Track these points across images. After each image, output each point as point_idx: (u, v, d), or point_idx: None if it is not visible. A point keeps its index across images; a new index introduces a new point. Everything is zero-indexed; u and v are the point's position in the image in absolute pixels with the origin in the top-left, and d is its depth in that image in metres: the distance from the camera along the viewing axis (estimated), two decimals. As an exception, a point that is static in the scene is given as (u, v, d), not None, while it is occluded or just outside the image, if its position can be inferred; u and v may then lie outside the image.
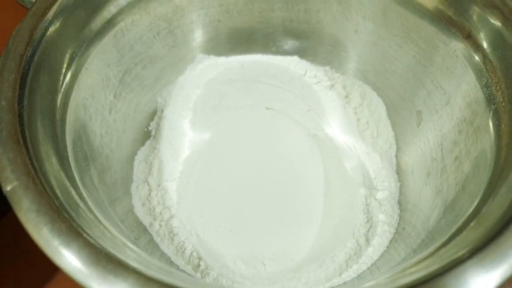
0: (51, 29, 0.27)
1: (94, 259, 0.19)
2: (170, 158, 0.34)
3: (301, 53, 0.41)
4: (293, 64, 0.40)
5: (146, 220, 0.31)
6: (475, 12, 0.29)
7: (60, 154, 0.25)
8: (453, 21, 0.31)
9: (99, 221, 0.23)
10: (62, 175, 0.23)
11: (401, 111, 0.37)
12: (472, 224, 0.22)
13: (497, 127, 0.27)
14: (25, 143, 0.22)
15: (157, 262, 0.26)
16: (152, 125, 0.37)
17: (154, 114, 0.38)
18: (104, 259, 0.19)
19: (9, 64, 0.25)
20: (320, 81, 0.39)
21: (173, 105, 0.37)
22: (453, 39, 0.31)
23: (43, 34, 0.27)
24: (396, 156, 0.36)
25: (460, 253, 0.19)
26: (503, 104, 0.27)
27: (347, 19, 0.37)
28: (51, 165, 0.23)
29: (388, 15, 0.35)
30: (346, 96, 0.39)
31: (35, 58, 0.26)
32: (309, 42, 0.40)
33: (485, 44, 0.28)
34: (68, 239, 0.19)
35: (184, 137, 0.35)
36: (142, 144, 0.36)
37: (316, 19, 0.38)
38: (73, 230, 0.19)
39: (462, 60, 0.30)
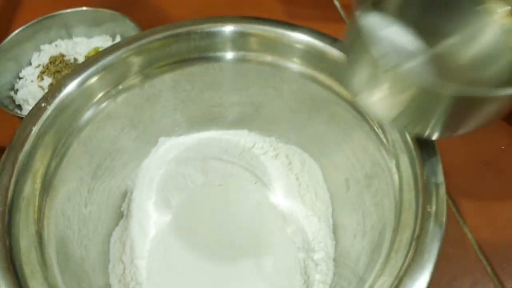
0: (29, 157, 0.34)
1: None
2: (140, 238, 0.40)
3: (249, 127, 0.47)
4: (243, 137, 0.47)
5: (122, 295, 0.38)
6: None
7: (44, 264, 0.31)
8: (364, 111, 0.37)
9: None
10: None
11: (333, 177, 0.43)
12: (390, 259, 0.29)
13: (396, 207, 0.33)
14: (14, 268, 0.28)
15: None
16: (124, 206, 0.43)
17: (125, 195, 0.44)
18: None
19: (-3, 198, 0.31)
20: (266, 152, 0.46)
21: (140, 187, 0.43)
22: (366, 124, 0.37)
23: (23, 163, 0.33)
24: (332, 216, 0.43)
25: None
26: (398, 190, 0.33)
27: (283, 101, 0.44)
28: (37, 280, 0.29)
29: (315, 99, 0.41)
30: (289, 164, 0.45)
31: (17, 187, 0.32)
32: (254, 119, 0.46)
33: (389, 137, 0.35)
34: None
35: (150, 218, 0.42)
36: (117, 224, 0.42)
37: (257, 101, 0.45)
38: None
39: (374, 144, 0.37)
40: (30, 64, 0.55)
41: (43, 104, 0.36)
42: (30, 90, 0.51)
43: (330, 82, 0.40)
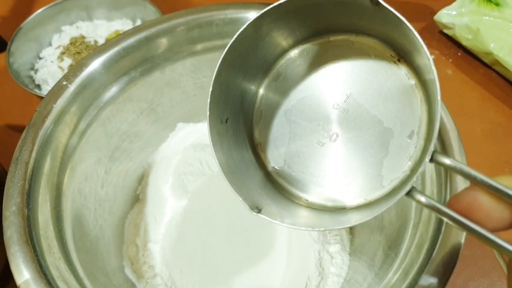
0: (49, 133, 0.33)
1: None
2: (154, 221, 0.40)
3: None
4: (261, 127, 0.46)
5: (134, 278, 0.38)
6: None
7: (61, 241, 0.31)
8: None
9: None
10: (62, 263, 0.29)
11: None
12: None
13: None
14: (32, 241, 0.28)
15: None
16: (139, 189, 0.43)
17: (142, 178, 0.44)
18: None
19: (17, 172, 0.31)
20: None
21: (156, 171, 0.43)
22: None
23: (43, 140, 0.33)
24: (349, 210, 0.42)
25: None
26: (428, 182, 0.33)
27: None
28: (53, 255, 0.29)
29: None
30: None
31: (37, 162, 0.32)
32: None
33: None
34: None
35: (166, 202, 0.41)
36: (132, 207, 0.42)
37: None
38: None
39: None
40: (50, 45, 0.55)
41: (64, 83, 0.36)
42: (50, 70, 0.51)
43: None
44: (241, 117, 0.29)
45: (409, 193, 0.21)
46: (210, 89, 0.26)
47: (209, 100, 0.26)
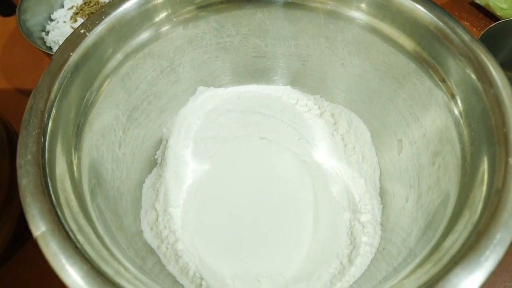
0: (66, 83, 0.31)
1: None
2: (175, 186, 0.38)
3: (292, 83, 0.44)
4: (286, 93, 0.44)
5: (154, 243, 0.35)
6: (448, 59, 0.32)
7: (78, 197, 0.29)
8: (428, 63, 0.34)
9: (114, 257, 0.26)
10: (81, 218, 0.27)
11: (384, 138, 0.40)
12: (449, 238, 0.25)
13: (463, 164, 0.30)
14: (48, 192, 0.26)
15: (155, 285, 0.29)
16: (158, 153, 0.41)
17: (160, 143, 0.42)
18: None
19: (32, 120, 0.28)
20: (310, 110, 0.43)
21: (177, 135, 0.41)
22: (427, 79, 0.34)
23: (59, 89, 0.30)
24: (380, 180, 0.40)
25: (443, 264, 0.23)
26: (467, 144, 0.30)
27: (334, 53, 0.40)
28: (71, 209, 0.27)
29: (371, 52, 0.38)
30: (334, 123, 0.42)
31: (53, 112, 0.30)
32: (300, 73, 0.43)
33: (456, 90, 0.32)
34: (92, 279, 0.23)
35: (187, 166, 0.39)
36: (150, 171, 0.40)
37: (306, 53, 0.42)
38: (94, 270, 0.23)
39: (436, 99, 0.34)
40: (62, 6, 0.52)
41: (82, 31, 0.33)
42: (62, 31, 0.49)
43: (391, 32, 0.36)
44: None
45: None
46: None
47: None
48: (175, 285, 0.33)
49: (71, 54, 0.32)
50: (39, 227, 0.24)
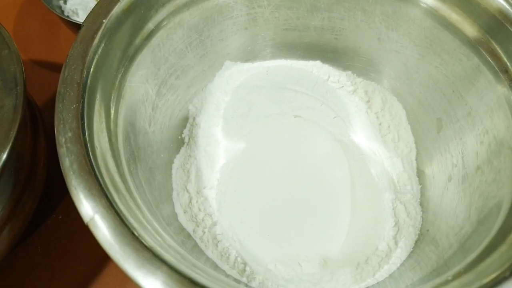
0: (100, 52, 0.28)
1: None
2: (207, 166, 0.36)
3: (324, 58, 0.42)
4: (316, 69, 0.42)
5: (189, 226, 0.33)
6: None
7: (122, 176, 0.26)
8: (479, 40, 0.32)
9: (168, 243, 0.24)
10: (129, 200, 0.25)
11: (421, 117, 0.39)
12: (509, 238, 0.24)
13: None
14: (95, 173, 0.23)
15: (203, 267, 0.27)
16: (185, 132, 0.38)
17: (186, 121, 0.39)
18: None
19: (68, 94, 0.26)
20: (343, 86, 0.41)
21: (205, 113, 0.38)
22: (475, 55, 0.33)
23: (93, 59, 0.28)
24: (416, 160, 0.39)
25: (501, 269, 0.22)
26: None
27: (370, 27, 0.39)
28: (119, 191, 0.24)
29: (412, 26, 0.36)
30: (368, 101, 0.41)
31: (88, 84, 0.27)
32: (331, 48, 0.41)
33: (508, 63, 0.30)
34: (151, 269, 0.21)
35: (219, 145, 0.37)
36: (177, 151, 0.38)
37: (340, 27, 0.40)
38: (155, 259, 0.21)
39: (486, 75, 0.32)
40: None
41: (113, -4, 0.30)
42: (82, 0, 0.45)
43: (439, 6, 0.34)
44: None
45: None
46: None
47: None
48: (216, 270, 0.32)
49: (104, 21, 0.29)
50: (89, 213, 0.22)
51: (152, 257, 0.21)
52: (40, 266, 0.36)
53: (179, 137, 0.38)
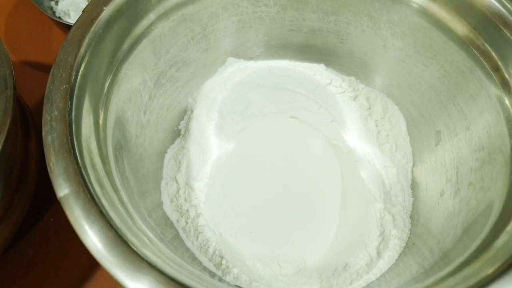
0: (97, 39, 0.29)
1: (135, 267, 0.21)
2: (198, 159, 0.36)
3: (327, 62, 0.42)
4: (319, 72, 0.41)
5: (173, 216, 0.34)
6: (505, 47, 0.30)
7: (103, 159, 0.27)
8: (481, 50, 0.32)
9: (139, 226, 0.25)
10: (106, 182, 0.25)
11: (420, 128, 0.38)
12: (489, 250, 0.24)
13: (512, 161, 0.28)
14: (74, 152, 0.24)
15: (178, 260, 0.28)
16: (182, 124, 0.39)
17: (184, 113, 0.40)
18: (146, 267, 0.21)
19: (60, 74, 0.27)
20: (344, 91, 0.41)
21: (202, 106, 0.39)
22: (479, 68, 0.32)
23: (90, 44, 0.29)
24: (412, 171, 0.38)
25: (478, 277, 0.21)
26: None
27: (376, 34, 0.38)
28: (97, 171, 0.25)
29: (417, 35, 0.36)
30: (369, 108, 0.40)
31: (82, 68, 0.28)
32: (336, 52, 0.41)
33: (510, 81, 0.29)
34: (117, 248, 0.21)
35: (212, 140, 0.37)
36: (172, 142, 0.38)
37: (345, 31, 0.39)
38: (119, 239, 0.22)
39: (486, 90, 0.31)
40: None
41: (116, -15, 0.31)
42: (74, 1, 0.46)
43: (442, 15, 0.34)
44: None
45: None
46: None
47: None
48: (194, 261, 0.32)
49: (104, 8, 0.30)
50: (63, 188, 0.23)
51: (115, 236, 0.22)
52: (32, 268, 0.36)
53: (176, 128, 0.39)
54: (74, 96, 0.26)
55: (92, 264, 0.36)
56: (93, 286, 0.36)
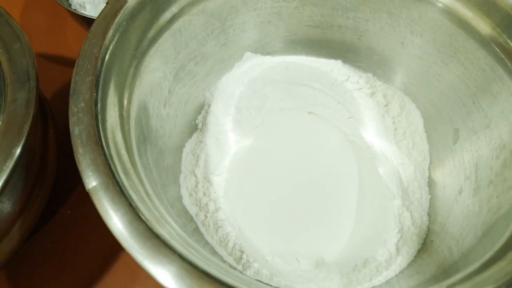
0: (121, 30, 0.29)
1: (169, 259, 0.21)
2: (216, 153, 0.36)
3: (344, 58, 0.42)
4: (336, 68, 0.41)
5: (192, 210, 0.34)
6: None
7: (128, 151, 0.27)
8: (504, 48, 0.32)
9: (165, 219, 0.25)
10: (132, 173, 0.25)
11: (438, 126, 0.38)
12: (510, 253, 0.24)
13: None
14: (101, 144, 0.24)
15: (205, 253, 0.28)
16: (199, 118, 0.39)
17: (201, 108, 0.40)
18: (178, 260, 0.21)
19: (86, 66, 0.27)
20: (361, 88, 0.41)
21: (220, 101, 0.39)
22: (500, 66, 0.32)
23: (114, 36, 0.29)
24: (429, 169, 0.38)
25: (497, 284, 0.21)
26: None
27: (394, 31, 0.38)
28: (123, 162, 0.25)
29: (437, 33, 0.36)
30: (386, 105, 0.40)
31: (107, 59, 0.28)
32: (354, 48, 0.41)
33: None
34: (148, 241, 0.21)
35: (230, 134, 0.37)
36: (189, 136, 0.38)
37: (364, 28, 0.39)
38: (150, 232, 0.22)
39: (508, 88, 0.31)
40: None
41: (139, -23, 0.31)
42: None
43: (464, 12, 0.34)
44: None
45: None
46: None
47: None
48: (213, 255, 0.32)
49: (128, 0, 0.30)
50: (92, 180, 0.23)
51: (146, 228, 0.22)
52: (50, 260, 0.36)
53: (193, 122, 0.39)
54: (100, 88, 0.26)
55: (109, 256, 0.36)
56: (110, 278, 0.36)
